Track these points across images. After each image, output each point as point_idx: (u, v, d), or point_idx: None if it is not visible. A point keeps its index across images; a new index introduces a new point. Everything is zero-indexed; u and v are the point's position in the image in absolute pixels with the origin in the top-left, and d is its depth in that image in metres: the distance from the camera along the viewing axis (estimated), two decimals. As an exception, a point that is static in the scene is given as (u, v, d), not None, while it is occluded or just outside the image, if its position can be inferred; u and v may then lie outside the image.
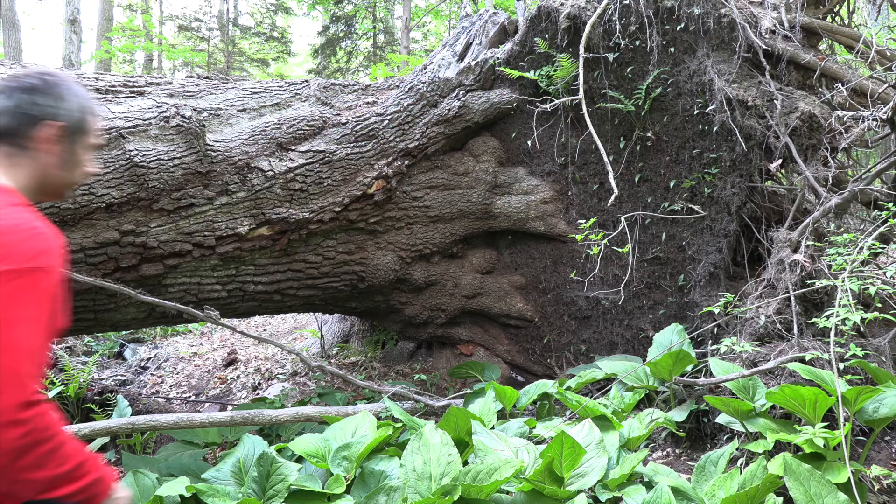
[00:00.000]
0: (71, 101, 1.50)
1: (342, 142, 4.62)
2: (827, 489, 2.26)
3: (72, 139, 1.51)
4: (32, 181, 1.48)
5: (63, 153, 1.50)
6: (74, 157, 1.54)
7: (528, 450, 2.94)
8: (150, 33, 19.14)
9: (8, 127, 1.43)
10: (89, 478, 1.32)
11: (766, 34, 4.26)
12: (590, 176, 4.95)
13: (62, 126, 1.48)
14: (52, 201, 1.57)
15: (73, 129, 1.50)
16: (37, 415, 1.21)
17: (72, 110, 1.50)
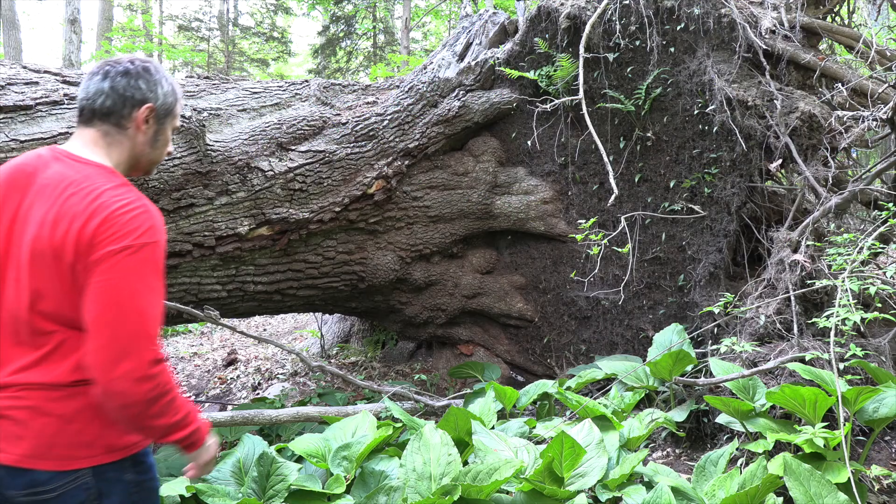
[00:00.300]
0: (162, 84, 1.63)
1: (342, 142, 4.62)
2: (827, 489, 2.26)
3: (161, 120, 1.64)
4: (126, 159, 1.62)
5: (154, 132, 1.64)
6: (162, 136, 1.68)
7: (528, 450, 2.94)
8: (150, 33, 19.14)
9: (107, 107, 1.56)
10: (193, 426, 1.53)
11: (766, 34, 4.26)
12: (590, 176, 4.95)
13: (154, 107, 1.61)
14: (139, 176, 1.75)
15: (163, 111, 1.64)
16: (162, 370, 1.42)
17: (162, 93, 1.63)
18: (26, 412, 1.43)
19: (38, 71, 3.79)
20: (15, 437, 1.42)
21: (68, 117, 3.55)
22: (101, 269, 1.39)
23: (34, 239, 1.44)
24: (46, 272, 1.43)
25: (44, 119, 3.46)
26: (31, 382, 1.44)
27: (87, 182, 1.47)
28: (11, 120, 3.33)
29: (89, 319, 1.39)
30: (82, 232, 1.40)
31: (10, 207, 1.50)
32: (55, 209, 1.44)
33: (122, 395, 1.38)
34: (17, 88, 3.49)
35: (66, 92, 3.67)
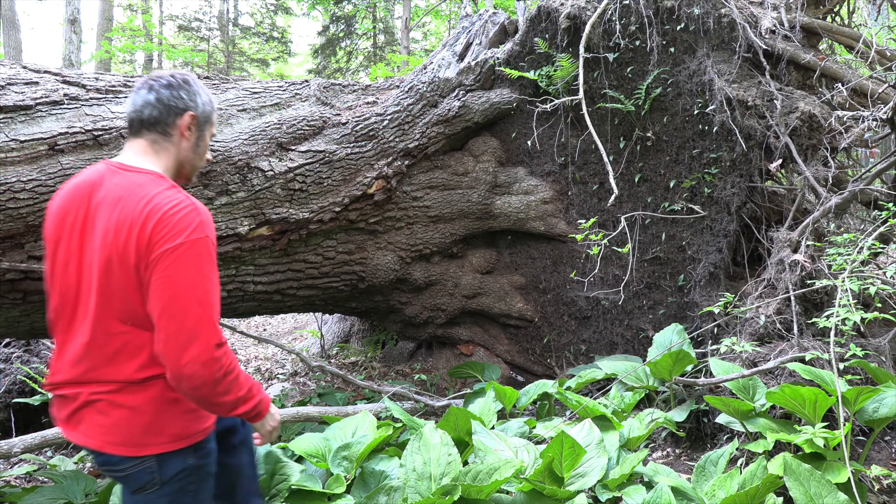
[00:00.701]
0: (201, 94, 1.82)
1: (342, 142, 4.62)
2: (827, 489, 2.26)
3: (201, 126, 1.83)
4: (173, 165, 1.79)
5: (196, 139, 1.82)
6: (202, 142, 1.86)
7: (528, 450, 2.94)
8: (150, 33, 19.14)
9: (154, 117, 1.73)
10: (256, 399, 1.73)
11: (766, 34, 4.26)
12: (590, 176, 4.95)
13: (196, 115, 1.79)
14: (182, 184, 1.86)
15: (203, 118, 1.82)
16: (225, 352, 1.60)
17: (202, 102, 1.81)
18: (105, 405, 1.64)
19: (38, 71, 3.79)
20: (97, 425, 1.65)
21: (68, 117, 3.54)
22: (161, 267, 1.56)
23: (101, 247, 1.61)
24: (114, 276, 1.60)
25: (44, 119, 3.46)
26: (106, 379, 1.64)
27: (140, 189, 1.63)
28: (11, 120, 3.33)
29: (155, 313, 1.57)
30: (141, 235, 1.57)
31: (78, 222, 1.67)
32: (115, 217, 1.61)
33: (191, 378, 1.55)
34: (17, 88, 3.49)
35: (66, 92, 3.67)
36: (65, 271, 1.69)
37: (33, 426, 4.68)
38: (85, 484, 3.13)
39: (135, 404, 1.65)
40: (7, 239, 3.25)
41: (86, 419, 1.67)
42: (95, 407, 1.65)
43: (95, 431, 1.65)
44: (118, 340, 1.64)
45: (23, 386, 4.80)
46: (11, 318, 3.49)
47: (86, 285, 1.65)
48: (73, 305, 1.69)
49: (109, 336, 1.64)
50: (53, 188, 3.33)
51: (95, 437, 1.65)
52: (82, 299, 1.67)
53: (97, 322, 1.64)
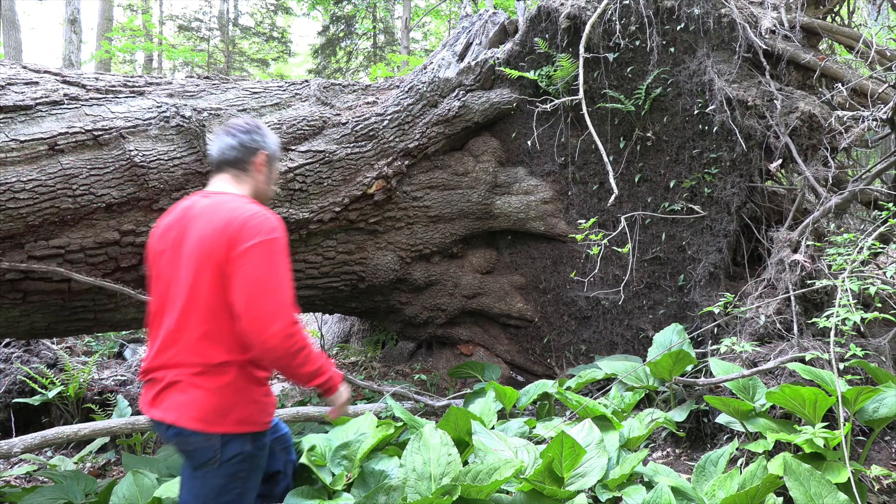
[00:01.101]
0: (270, 137, 2.25)
1: (342, 142, 4.62)
2: (827, 489, 2.26)
3: (271, 163, 2.25)
4: (250, 193, 2.17)
5: (267, 173, 2.24)
6: (273, 174, 2.29)
7: (528, 450, 2.94)
8: (150, 33, 19.14)
9: (236, 158, 2.16)
10: (328, 373, 2.04)
11: (766, 34, 4.26)
12: (590, 176, 4.95)
13: (268, 154, 2.21)
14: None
15: (273, 157, 2.25)
16: (299, 329, 1.91)
17: (271, 143, 2.24)
18: (185, 384, 1.94)
19: (38, 71, 3.79)
20: (176, 402, 1.94)
21: (68, 117, 3.55)
22: (243, 261, 1.90)
23: (193, 251, 1.97)
24: (203, 273, 1.94)
25: (44, 119, 3.46)
26: (190, 362, 1.95)
27: (226, 203, 2.03)
28: (11, 120, 3.33)
29: (240, 299, 1.88)
30: (226, 237, 1.92)
31: (176, 236, 2.04)
32: (205, 226, 1.98)
33: (273, 350, 1.87)
34: (17, 88, 3.49)
35: (66, 92, 3.67)
36: (164, 276, 2.05)
37: (33, 426, 4.68)
38: (85, 484, 3.13)
39: (211, 387, 1.94)
40: (7, 239, 3.25)
41: (167, 397, 1.96)
42: (177, 387, 1.95)
43: (173, 406, 1.94)
44: (202, 329, 1.95)
45: (23, 386, 4.79)
46: (11, 318, 3.49)
47: (179, 284, 1.99)
48: (167, 303, 2.03)
49: (195, 325, 1.95)
50: (53, 188, 3.33)
51: (173, 411, 1.94)
52: (175, 296, 2.00)
53: (186, 313, 1.96)
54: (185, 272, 1.98)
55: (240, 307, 1.89)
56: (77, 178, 3.41)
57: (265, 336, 1.85)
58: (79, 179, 3.41)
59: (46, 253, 3.37)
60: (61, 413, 4.82)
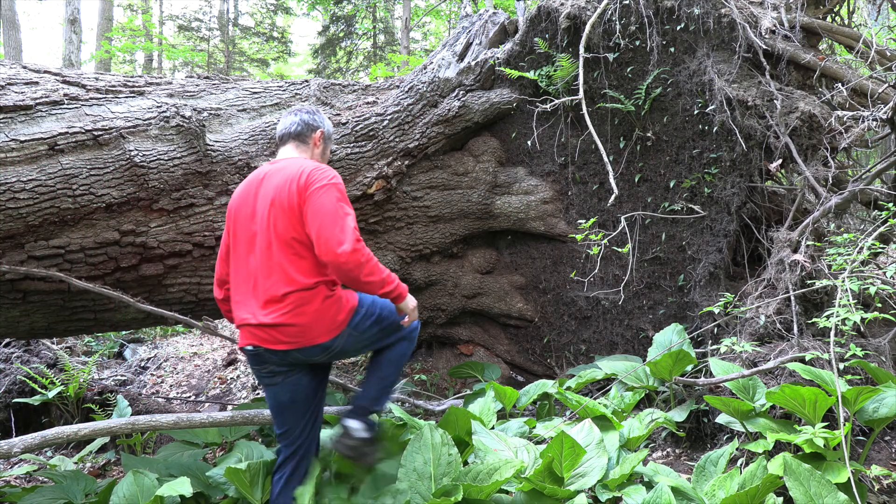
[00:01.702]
0: (326, 119, 2.82)
1: (342, 142, 4.62)
2: (827, 489, 2.26)
3: (326, 140, 2.81)
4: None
5: (322, 148, 2.79)
6: (326, 151, 2.84)
7: (528, 450, 2.94)
8: (150, 33, 19.15)
9: (298, 132, 2.71)
10: (394, 282, 2.50)
11: (766, 34, 4.26)
12: (590, 176, 4.95)
13: (323, 132, 2.77)
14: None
15: (327, 135, 2.81)
16: (363, 245, 2.37)
17: (327, 124, 2.82)
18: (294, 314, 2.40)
19: (38, 71, 3.79)
20: (294, 330, 2.41)
21: (68, 117, 3.55)
22: (313, 199, 2.39)
23: (273, 199, 2.45)
24: (283, 215, 2.42)
25: (44, 119, 3.46)
26: (292, 290, 2.40)
27: (295, 161, 2.56)
28: (11, 120, 3.33)
29: (314, 227, 2.36)
30: (299, 183, 2.42)
31: (252, 195, 2.54)
32: (280, 179, 2.48)
33: (345, 264, 2.31)
34: (17, 88, 3.49)
35: (66, 92, 3.67)
36: (244, 229, 2.52)
37: (33, 426, 4.68)
38: (85, 484, 3.13)
39: (311, 310, 2.41)
40: (7, 239, 3.25)
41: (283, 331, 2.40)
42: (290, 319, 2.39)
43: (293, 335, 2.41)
44: (292, 262, 2.40)
45: (23, 386, 4.80)
46: (11, 318, 3.50)
47: (263, 233, 2.45)
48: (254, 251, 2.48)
49: (287, 261, 2.40)
50: (53, 188, 3.33)
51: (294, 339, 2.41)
52: (261, 245, 2.45)
53: (278, 254, 2.41)
54: (265, 221, 2.45)
55: (314, 235, 2.36)
56: (77, 178, 3.41)
57: (337, 253, 2.29)
58: (79, 179, 3.41)
59: (46, 253, 3.37)
60: (61, 413, 4.82)
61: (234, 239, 2.57)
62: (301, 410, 2.61)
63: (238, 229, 2.55)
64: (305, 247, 2.42)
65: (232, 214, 2.60)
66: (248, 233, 2.49)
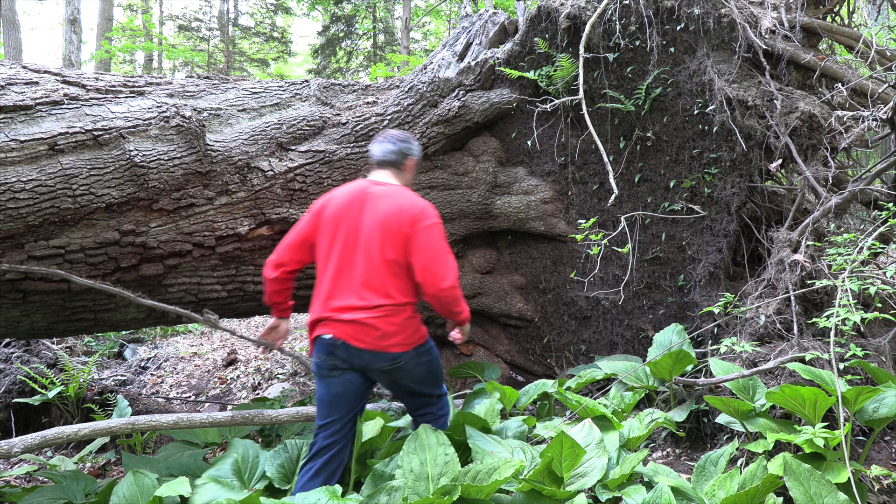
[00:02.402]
0: (416, 146, 3.12)
1: (342, 142, 4.62)
2: (827, 489, 2.26)
3: (416, 167, 3.12)
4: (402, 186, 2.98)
5: (413, 172, 3.11)
6: (414, 176, 3.29)
7: (525, 450, 2.94)
8: (150, 33, 19.15)
9: (395, 160, 3.00)
10: (467, 311, 2.95)
11: (766, 34, 4.26)
12: (590, 176, 4.95)
13: (415, 158, 3.08)
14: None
15: (417, 162, 3.12)
16: (458, 284, 2.80)
17: (417, 151, 3.10)
18: (383, 321, 2.72)
19: (38, 71, 3.79)
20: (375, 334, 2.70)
21: (68, 117, 3.55)
22: (423, 234, 2.73)
23: (384, 222, 2.75)
24: (393, 239, 2.73)
25: (44, 119, 3.46)
26: (377, 304, 2.72)
27: (401, 192, 2.87)
28: (11, 120, 3.34)
29: (422, 260, 2.71)
30: (408, 216, 2.74)
31: (355, 209, 2.82)
32: (391, 206, 2.78)
33: (445, 298, 2.75)
34: (17, 88, 3.49)
35: (66, 92, 3.67)
36: (343, 236, 2.78)
37: (33, 426, 4.68)
38: (85, 484, 3.13)
39: (398, 321, 2.75)
40: (7, 239, 3.25)
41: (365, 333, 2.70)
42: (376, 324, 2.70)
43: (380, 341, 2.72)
44: (389, 279, 2.73)
45: (23, 386, 4.80)
46: (11, 318, 3.50)
47: (365, 246, 2.75)
48: (353, 259, 2.78)
49: (385, 277, 2.73)
50: (53, 188, 3.33)
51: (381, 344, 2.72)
52: (361, 255, 2.76)
53: (377, 268, 2.73)
54: (370, 237, 2.75)
55: (419, 267, 2.71)
56: (77, 178, 3.41)
57: (441, 288, 2.71)
58: (79, 179, 3.41)
59: (46, 253, 3.37)
60: (61, 413, 4.83)
61: (328, 238, 2.84)
62: (348, 406, 2.80)
63: (337, 232, 2.82)
64: (403, 269, 2.75)
65: (329, 215, 2.85)
66: (352, 240, 2.78)
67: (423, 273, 2.69)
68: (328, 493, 2.47)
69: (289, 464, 3.03)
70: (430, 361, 2.91)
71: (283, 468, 3.00)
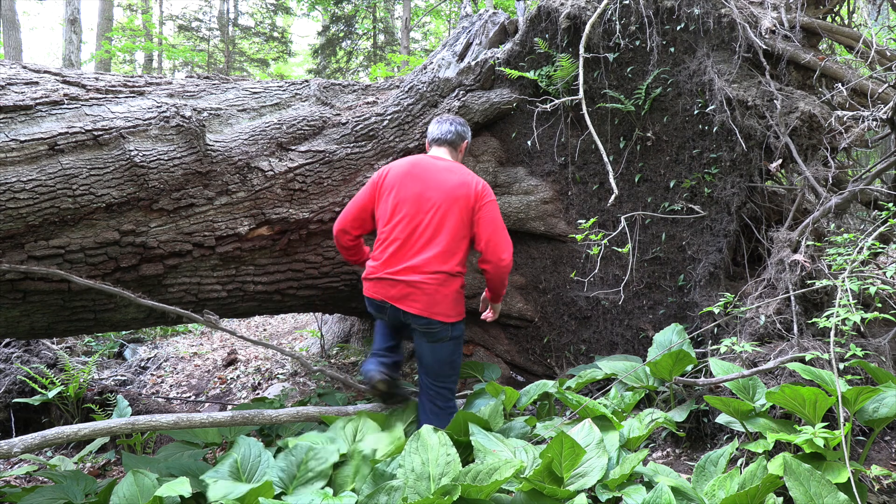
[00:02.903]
0: (469, 130, 3.58)
1: (342, 142, 4.62)
2: (827, 489, 2.26)
3: (468, 149, 3.86)
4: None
5: (464, 154, 3.58)
6: (465, 159, 4.06)
7: (528, 450, 2.94)
8: (150, 33, 19.15)
9: (454, 140, 3.44)
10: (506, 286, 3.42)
11: (766, 34, 4.26)
12: (590, 176, 4.95)
13: (468, 141, 3.54)
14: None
15: (469, 144, 3.61)
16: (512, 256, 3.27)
17: (470, 135, 3.56)
18: (432, 287, 3.08)
19: (38, 71, 3.79)
20: (424, 299, 3.09)
21: (68, 117, 3.55)
22: (487, 209, 3.17)
23: (451, 194, 3.14)
24: (456, 211, 3.12)
25: (44, 119, 3.46)
26: (437, 270, 3.09)
27: (461, 168, 3.31)
28: (11, 120, 3.34)
29: (487, 232, 3.12)
30: (473, 191, 3.17)
31: (424, 177, 3.22)
32: (459, 180, 3.19)
33: (505, 268, 3.20)
34: (17, 88, 3.49)
35: (66, 92, 3.67)
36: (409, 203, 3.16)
37: (33, 426, 4.68)
38: (85, 484, 3.13)
39: (447, 291, 3.10)
40: (7, 239, 3.26)
41: (414, 297, 3.10)
42: (425, 290, 3.08)
43: (422, 304, 3.10)
44: (450, 248, 3.08)
45: (23, 386, 4.80)
46: (11, 318, 3.50)
47: (431, 214, 3.11)
48: (417, 223, 3.11)
49: (447, 245, 3.09)
50: (53, 188, 3.33)
51: (422, 307, 3.10)
52: (427, 222, 3.12)
53: (440, 236, 3.09)
54: (436, 206, 3.11)
55: (484, 239, 3.11)
56: (77, 178, 3.41)
57: (501, 258, 3.14)
58: (79, 179, 3.41)
59: (46, 253, 3.37)
60: (61, 413, 4.83)
61: (397, 203, 3.18)
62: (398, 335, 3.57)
63: (405, 198, 3.17)
64: (465, 241, 3.15)
65: (389, 184, 3.24)
66: (421, 207, 3.12)
67: (486, 244, 3.10)
68: (321, 495, 2.47)
69: (290, 468, 2.98)
70: (456, 344, 3.29)
71: (283, 472, 2.96)
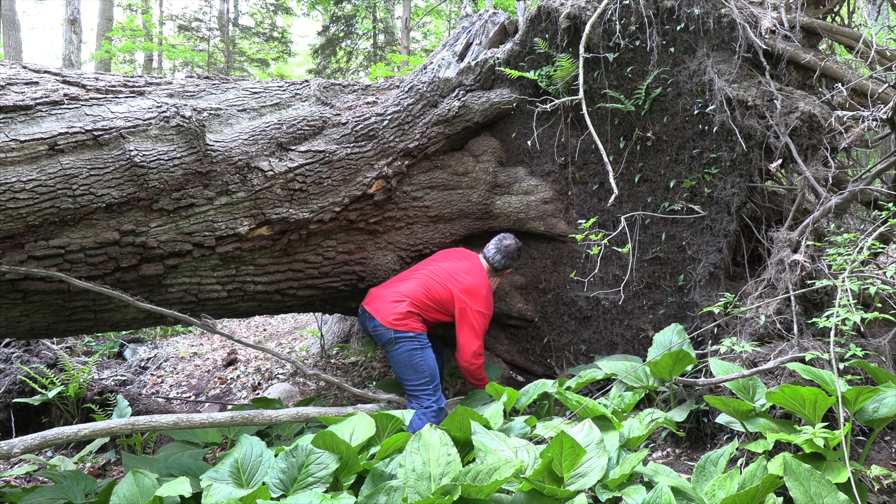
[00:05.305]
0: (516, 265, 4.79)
1: (342, 142, 4.62)
2: (827, 489, 2.26)
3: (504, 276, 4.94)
4: None
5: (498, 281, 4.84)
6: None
7: (528, 450, 2.94)
8: (150, 33, 19.15)
9: (497, 268, 4.65)
10: (486, 381, 4.30)
11: (766, 34, 4.26)
12: (590, 176, 4.95)
13: (509, 272, 5.14)
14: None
15: (508, 273, 4.99)
16: (482, 355, 4.31)
17: (511, 267, 4.74)
18: (404, 315, 4.10)
19: (38, 71, 3.79)
20: (389, 312, 4.11)
21: (68, 117, 3.55)
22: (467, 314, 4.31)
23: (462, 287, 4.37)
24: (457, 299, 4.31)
25: (44, 119, 3.46)
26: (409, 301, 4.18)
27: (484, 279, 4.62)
28: (11, 120, 3.34)
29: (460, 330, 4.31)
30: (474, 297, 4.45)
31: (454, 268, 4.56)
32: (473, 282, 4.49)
33: (471, 367, 4.24)
34: (17, 88, 3.49)
35: (66, 92, 3.67)
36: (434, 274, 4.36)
37: (33, 426, 4.68)
38: (85, 484, 3.13)
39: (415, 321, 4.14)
40: (7, 239, 3.26)
41: (387, 309, 4.08)
42: (402, 311, 4.07)
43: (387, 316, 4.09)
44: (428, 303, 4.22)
45: (23, 386, 4.80)
46: (11, 318, 3.50)
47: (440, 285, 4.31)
48: (427, 273, 4.35)
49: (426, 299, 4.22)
50: (53, 188, 3.33)
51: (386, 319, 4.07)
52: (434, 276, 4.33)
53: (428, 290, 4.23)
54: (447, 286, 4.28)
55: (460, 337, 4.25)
56: (77, 178, 3.41)
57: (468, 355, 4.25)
58: (79, 179, 3.41)
59: (46, 253, 3.37)
60: (61, 413, 4.83)
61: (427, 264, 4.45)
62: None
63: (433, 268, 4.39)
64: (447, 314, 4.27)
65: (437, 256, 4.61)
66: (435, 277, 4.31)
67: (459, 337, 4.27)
68: (319, 497, 2.47)
69: (291, 470, 2.95)
70: (410, 352, 4.01)
71: (284, 474, 2.93)
